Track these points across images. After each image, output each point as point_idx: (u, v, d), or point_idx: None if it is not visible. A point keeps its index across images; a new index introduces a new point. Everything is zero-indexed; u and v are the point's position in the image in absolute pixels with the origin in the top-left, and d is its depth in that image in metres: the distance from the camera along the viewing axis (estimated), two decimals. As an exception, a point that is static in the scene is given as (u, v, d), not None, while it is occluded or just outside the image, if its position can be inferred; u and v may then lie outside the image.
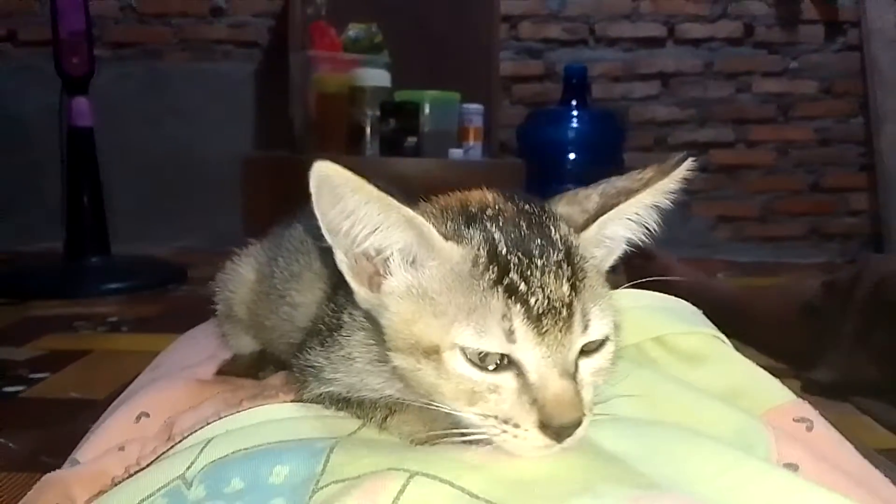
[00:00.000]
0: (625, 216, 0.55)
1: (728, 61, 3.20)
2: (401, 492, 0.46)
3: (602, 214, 0.54)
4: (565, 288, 0.48)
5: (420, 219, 0.49)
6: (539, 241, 0.50)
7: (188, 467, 0.52)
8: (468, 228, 0.51)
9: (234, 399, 0.65)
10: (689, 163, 0.53)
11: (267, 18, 3.09)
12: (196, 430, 0.58)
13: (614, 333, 0.53)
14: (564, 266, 0.49)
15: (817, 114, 3.21)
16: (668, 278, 0.82)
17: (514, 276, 0.48)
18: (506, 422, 0.48)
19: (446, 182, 0.61)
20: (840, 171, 3.24)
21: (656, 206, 0.55)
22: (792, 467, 0.56)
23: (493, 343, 0.47)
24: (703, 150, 3.17)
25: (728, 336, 0.79)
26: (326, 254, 0.54)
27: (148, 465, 0.56)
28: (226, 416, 0.58)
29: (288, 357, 0.68)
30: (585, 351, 0.51)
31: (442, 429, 0.52)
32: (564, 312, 0.48)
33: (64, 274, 2.40)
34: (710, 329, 0.78)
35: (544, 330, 0.47)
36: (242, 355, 0.85)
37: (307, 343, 0.61)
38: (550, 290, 0.48)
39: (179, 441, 0.58)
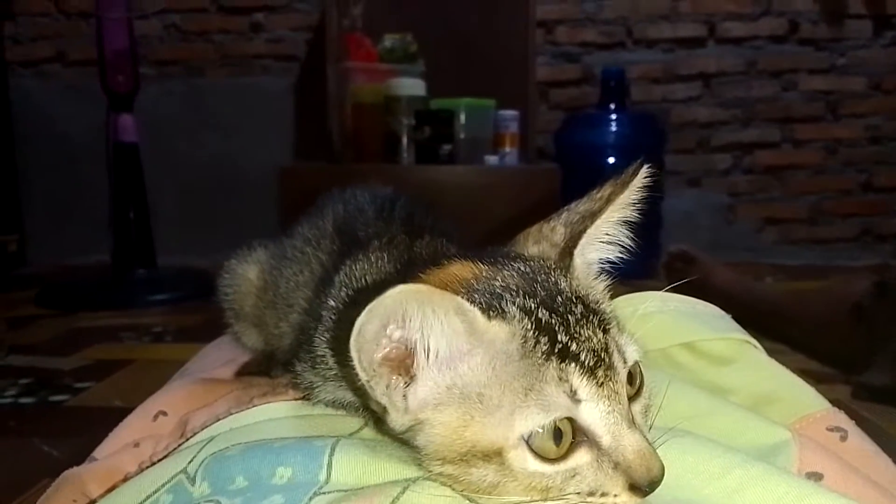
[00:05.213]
0: (596, 240, 0.54)
1: (772, 59, 3.12)
2: (398, 496, 0.45)
3: (575, 245, 0.52)
4: (600, 334, 0.47)
5: (466, 304, 0.44)
6: (559, 297, 0.48)
7: (190, 461, 0.52)
8: (500, 303, 0.46)
9: (245, 397, 0.65)
10: (645, 170, 0.52)
11: (304, 32, 3.14)
12: (204, 428, 0.58)
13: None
14: (589, 314, 0.47)
15: (866, 111, 3.11)
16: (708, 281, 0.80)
17: (562, 338, 0.45)
18: (591, 494, 0.45)
19: (482, 189, 0.60)
20: (892, 170, 3.13)
21: (625, 221, 0.54)
22: (815, 476, 0.53)
23: (559, 411, 0.44)
24: (747, 150, 3.11)
25: (773, 340, 0.76)
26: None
27: (157, 462, 0.56)
28: (233, 414, 0.59)
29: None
30: (630, 396, 0.49)
31: None
32: (607, 358, 0.46)
33: (111, 286, 2.47)
34: (739, 334, 0.74)
35: (601, 382, 0.45)
36: (256, 356, 0.85)
37: (299, 354, 0.61)
38: (592, 342, 0.46)
39: (189, 438, 0.59)
